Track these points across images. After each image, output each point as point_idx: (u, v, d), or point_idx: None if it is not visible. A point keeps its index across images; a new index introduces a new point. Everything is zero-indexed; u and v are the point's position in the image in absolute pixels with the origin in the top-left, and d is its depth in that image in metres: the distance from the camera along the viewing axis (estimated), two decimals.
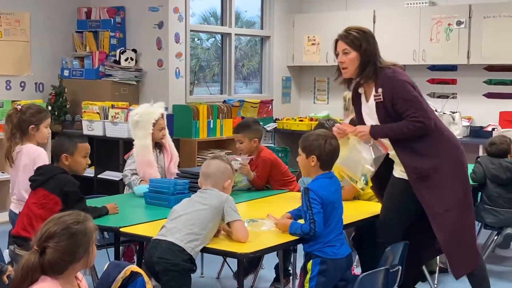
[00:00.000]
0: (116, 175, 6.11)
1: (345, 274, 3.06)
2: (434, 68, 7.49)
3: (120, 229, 3.18)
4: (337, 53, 3.49)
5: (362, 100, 3.54)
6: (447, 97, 7.31)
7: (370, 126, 3.43)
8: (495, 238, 4.74)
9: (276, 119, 7.95)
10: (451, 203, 3.34)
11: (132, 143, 4.37)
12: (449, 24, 7.04)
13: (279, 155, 6.84)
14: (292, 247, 3.56)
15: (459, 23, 6.97)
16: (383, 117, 3.40)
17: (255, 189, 4.25)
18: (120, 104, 6.24)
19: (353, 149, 3.44)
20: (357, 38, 3.41)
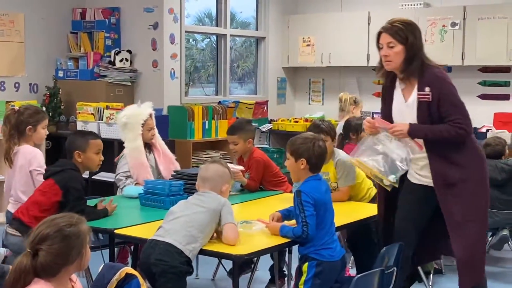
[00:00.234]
0: (111, 177, 6.05)
1: (339, 275, 3.07)
2: None
3: (115, 231, 3.18)
4: (381, 45, 3.34)
5: (397, 96, 3.39)
6: None
7: (408, 124, 3.28)
8: (490, 239, 4.75)
9: (271, 120, 7.96)
10: (472, 215, 3.28)
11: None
12: (444, 25, 7.05)
13: (274, 156, 6.85)
14: (287, 248, 3.56)
15: (453, 24, 6.99)
16: (424, 117, 3.26)
17: (248, 191, 4.22)
18: (115, 105, 6.22)
19: (383, 147, 3.31)
20: (403, 31, 3.27)
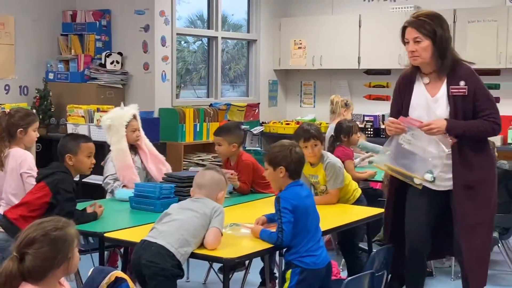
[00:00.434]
0: (101, 179, 6.05)
1: (324, 282, 3.03)
2: None
3: (105, 234, 3.17)
4: (406, 40, 3.22)
5: (419, 91, 3.28)
6: None
7: (445, 121, 3.15)
8: None
9: (263, 122, 7.95)
10: (484, 218, 3.26)
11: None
12: None
13: None
14: (278, 251, 3.56)
15: None
16: (459, 112, 3.15)
17: (239, 194, 4.21)
18: (106, 107, 6.20)
19: (412, 146, 3.22)
20: (430, 24, 3.15)
